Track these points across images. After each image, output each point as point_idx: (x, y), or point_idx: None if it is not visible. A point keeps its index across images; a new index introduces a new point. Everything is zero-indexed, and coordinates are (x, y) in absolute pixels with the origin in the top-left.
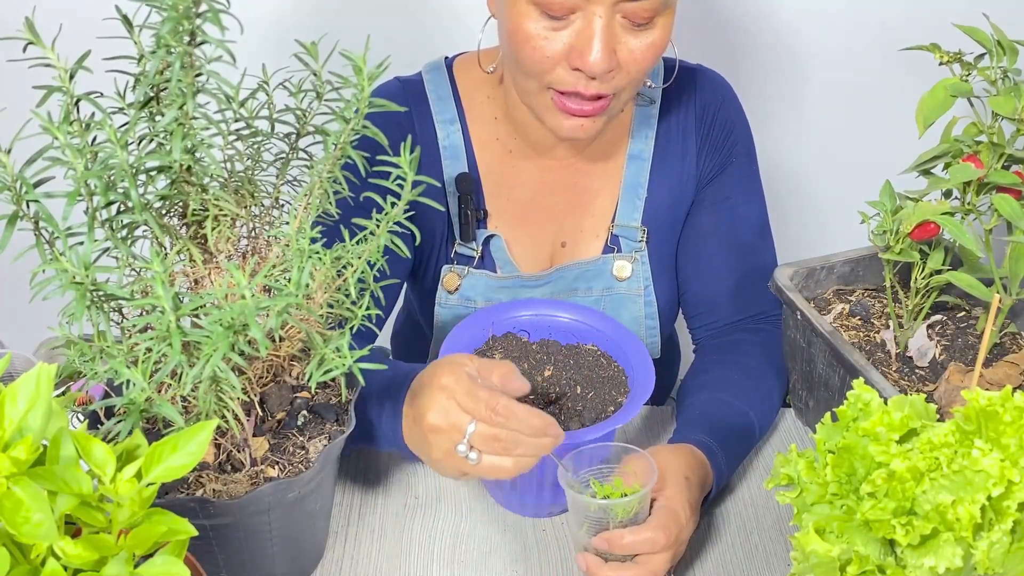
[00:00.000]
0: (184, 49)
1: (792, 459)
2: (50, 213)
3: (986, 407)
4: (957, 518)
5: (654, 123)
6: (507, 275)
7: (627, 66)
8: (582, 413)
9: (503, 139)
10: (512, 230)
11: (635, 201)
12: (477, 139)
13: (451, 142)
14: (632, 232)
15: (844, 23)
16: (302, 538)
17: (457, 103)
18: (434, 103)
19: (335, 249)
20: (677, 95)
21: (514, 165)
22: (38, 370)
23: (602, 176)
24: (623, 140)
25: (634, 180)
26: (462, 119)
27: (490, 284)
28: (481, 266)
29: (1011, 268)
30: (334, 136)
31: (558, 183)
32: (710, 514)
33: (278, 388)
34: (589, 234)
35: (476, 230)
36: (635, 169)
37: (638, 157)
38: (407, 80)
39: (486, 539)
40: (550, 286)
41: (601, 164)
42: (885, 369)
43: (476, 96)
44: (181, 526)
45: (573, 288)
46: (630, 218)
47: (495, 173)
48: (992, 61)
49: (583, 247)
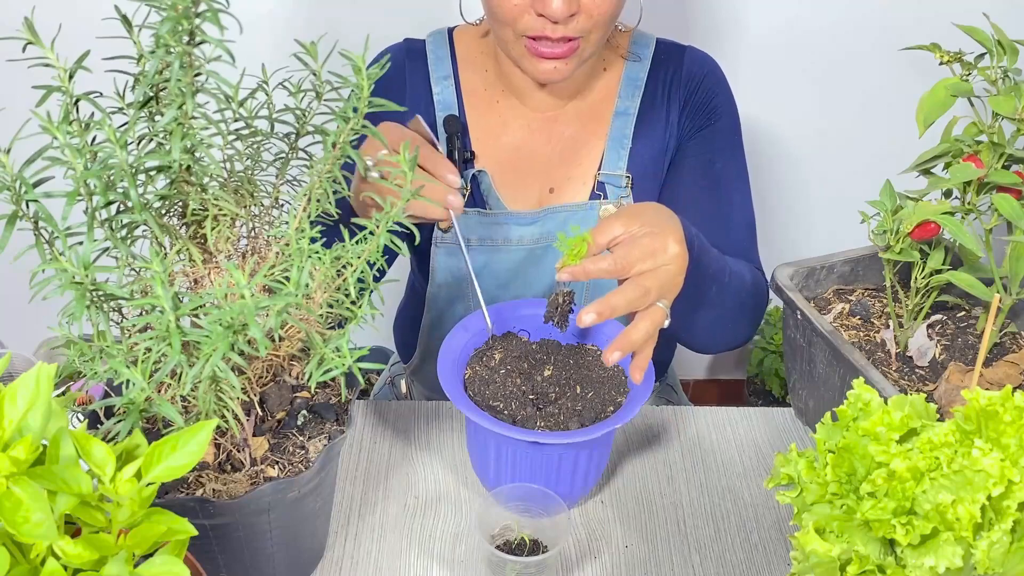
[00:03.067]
0: (183, 49)
1: (792, 459)
2: (50, 213)
3: (986, 407)
4: (957, 518)
5: (641, 85)
6: (497, 211)
7: (588, 9)
8: (582, 413)
9: (491, 90)
10: (500, 174)
11: (620, 151)
12: (468, 91)
13: (443, 96)
14: (617, 179)
15: (845, 23)
16: (302, 538)
17: (453, 62)
18: (432, 63)
19: (335, 249)
20: (665, 65)
21: (501, 114)
22: (38, 370)
23: (590, 132)
24: (611, 99)
25: (619, 133)
26: (456, 76)
27: (482, 221)
28: (472, 204)
29: (1011, 268)
30: (333, 136)
31: (544, 133)
32: (710, 514)
33: (278, 388)
34: (577, 182)
35: (464, 170)
36: (620, 124)
37: (624, 113)
38: (412, 41)
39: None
40: (539, 225)
41: (589, 121)
42: (885, 369)
43: (470, 54)
44: (181, 526)
45: (562, 231)
46: (615, 166)
47: (483, 120)
48: (992, 61)
49: (570, 193)
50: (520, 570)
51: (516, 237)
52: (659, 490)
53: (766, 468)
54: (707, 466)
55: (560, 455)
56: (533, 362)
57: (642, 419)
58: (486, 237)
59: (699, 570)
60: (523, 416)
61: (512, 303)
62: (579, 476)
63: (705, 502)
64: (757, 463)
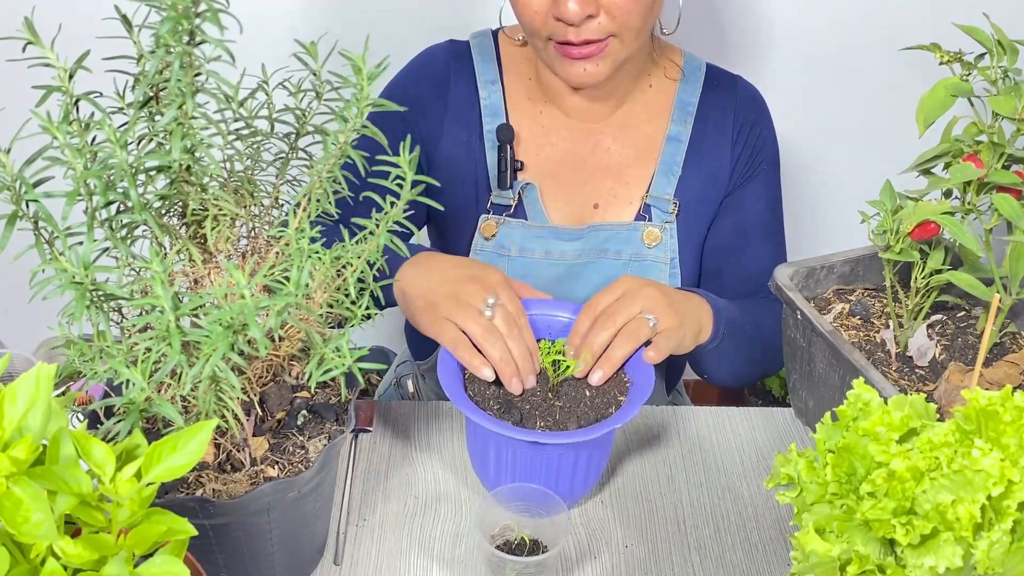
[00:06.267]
0: (183, 49)
1: (792, 459)
2: (49, 213)
3: (986, 407)
4: (957, 518)
5: (693, 111)
6: (542, 225)
7: (610, 9)
8: (582, 413)
9: (535, 99)
10: (544, 185)
11: (670, 177)
12: (513, 98)
13: (491, 101)
14: (664, 204)
15: (845, 23)
16: (302, 538)
17: (499, 66)
18: (478, 65)
19: (335, 249)
20: (716, 95)
21: (543, 123)
22: (38, 370)
23: (638, 150)
24: (660, 120)
25: (671, 159)
26: (501, 81)
27: (526, 233)
28: (516, 215)
29: (1011, 268)
30: (333, 136)
31: (589, 145)
32: (710, 514)
33: (278, 388)
34: (622, 200)
35: (513, 180)
36: (672, 149)
37: (676, 139)
38: (456, 42)
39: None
40: (582, 242)
41: (636, 137)
42: (885, 369)
43: (513, 60)
44: (181, 526)
45: (604, 249)
46: (664, 191)
47: (527, 129)
48: (992, 61)
49: (615, 211)
50: (520, 570)
51: (558, 252)
52: (659, 490)
53: (766, 468)
54: (707, 466)
55: (560, 455)
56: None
57: (642, 419)
58: (527, 249)
59: (699, 570)
60: (523, 416)
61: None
62: (579, 476)
63: (705, 502)
64: (757, 463)
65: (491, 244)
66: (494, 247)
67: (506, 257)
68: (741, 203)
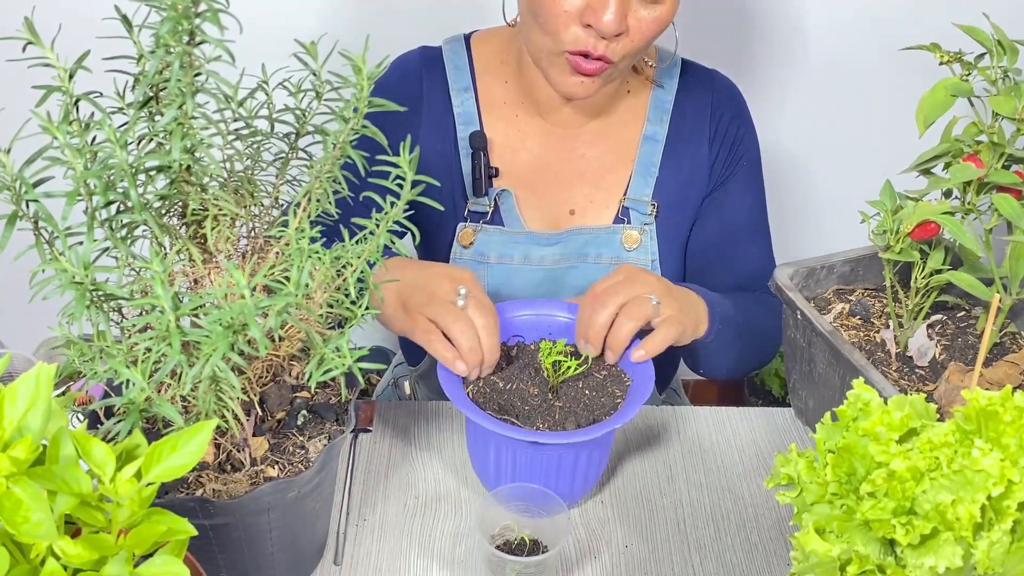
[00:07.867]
0: (183, 49)
1: (792, 459)
2: (49, 213)
3: (986, 407)
4: (957, 518)
5: (669, 109)
6: (518, 231)
7: (633, 34)
8: (581, 413)
9: (511, 102)
10: (520, 191)
11: (647, 178)
12: (487, 104)
13: (464, 109)
14: (642, 205)
15: (844, 23)
16: (302, 538)
17: (471, 73)
18: (451, 72)
19: (335, 249)
20: (693, 91)
21: (520, 128)
22: (38, 370)
23: (615, 154)
24: (637, 122)
25: (647, 159)
26: (475, 88)
27: (503, 240)
28: (493, 222)
29: (1011, 268)
30: (333, 136)
31: (565, 151)
32: (710, 514)
33: (278, 388)
34: (599, 205)
35: (488, 187)
36: (649, 150)
37: (652, 139)
38: (428, 48)
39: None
40: (561, 246)
41: (614, 142)
42: (885, 369)
43: (490, 64)
44: (181, 526)
45: (583, 253)
46: (642, 192)
47: (502, 134)
48: (992, 61)
49: (592, 216)
50: (520, 570)
51: (537, 257)
52: (659, 490)
53: (766, 468)
54: (707, 466)
55: (560, 455)
56: (533, 361)
57: (642, 419)
58: (505, 255)
59: (699, 570)
60: (523, 416)
61: (512, 303)
62: (579, 476)
63: (705, 502)
64: (757, 463)
65: (470, 252)
66: (473, 255)
67: (485, 264)
68: (725, 202)
